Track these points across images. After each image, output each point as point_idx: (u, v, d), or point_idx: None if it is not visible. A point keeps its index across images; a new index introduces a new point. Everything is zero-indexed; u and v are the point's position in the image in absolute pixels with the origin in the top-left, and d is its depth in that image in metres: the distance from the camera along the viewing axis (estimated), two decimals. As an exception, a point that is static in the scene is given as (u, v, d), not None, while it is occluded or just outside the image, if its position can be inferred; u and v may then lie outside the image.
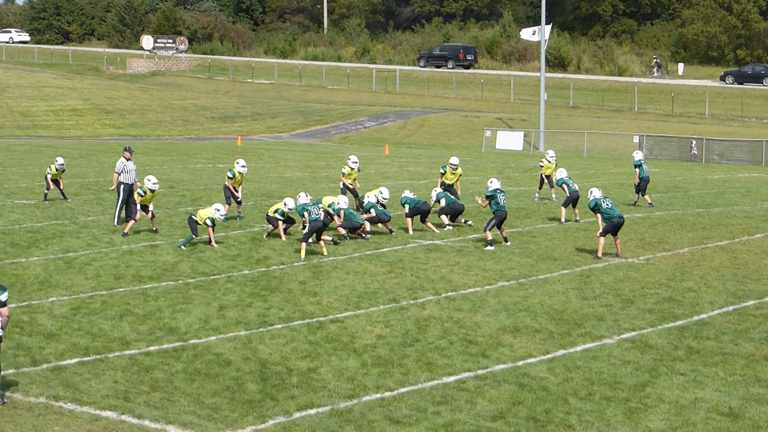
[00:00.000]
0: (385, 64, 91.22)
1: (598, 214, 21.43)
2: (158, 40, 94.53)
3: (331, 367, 13.68)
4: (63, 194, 28.40)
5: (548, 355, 14.37)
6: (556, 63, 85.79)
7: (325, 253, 21.05)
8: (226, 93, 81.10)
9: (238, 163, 25.60)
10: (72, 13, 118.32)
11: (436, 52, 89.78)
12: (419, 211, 24.19)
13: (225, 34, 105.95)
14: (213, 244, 21.69)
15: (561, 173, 26.85)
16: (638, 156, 30.38)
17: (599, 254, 21.35)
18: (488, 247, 22.10)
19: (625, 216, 22.36)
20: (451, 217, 25.06)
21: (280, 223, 22.79)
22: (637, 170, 29.73)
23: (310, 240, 20.99)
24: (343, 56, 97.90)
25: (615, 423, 11.79)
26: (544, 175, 30.76)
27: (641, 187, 29.82)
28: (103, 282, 18.33)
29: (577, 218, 26.47)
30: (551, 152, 31.85)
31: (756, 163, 52.10)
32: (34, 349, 14.07)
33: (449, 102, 75.41)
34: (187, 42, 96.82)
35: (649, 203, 29.81)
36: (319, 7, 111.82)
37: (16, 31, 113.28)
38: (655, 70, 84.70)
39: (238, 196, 25.43)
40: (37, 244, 21.63)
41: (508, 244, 22.68)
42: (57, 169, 28.00)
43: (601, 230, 21.37)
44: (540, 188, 31.32)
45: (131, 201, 23.50)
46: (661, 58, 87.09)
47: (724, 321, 16.45)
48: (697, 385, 13.15)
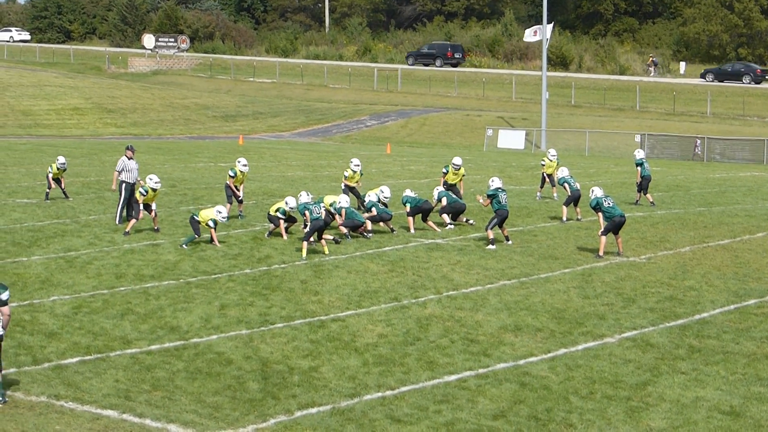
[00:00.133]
0: (386, 63, 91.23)
1: (600, 213, 21.43)
2: (160, 39, 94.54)
3: (332, 365, 13.68)
4: (64, 193, 28.42)
5: (549, 354, 14.37)
6: (557, 62, 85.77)
7: (327, 252, 21.06)
8: (228, 92, 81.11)
9: (239, 162, 25.61)
10: (73, 12, 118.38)
11: (424, 51, 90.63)
12: (420, 210, 24.18)
13: (226, 33, 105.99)
14: (216, 244, 21.69)
15: (562, 172, 26.85)
16: (639, 155, 30.40)
17: (601, 253, 21.35)
18: (490, 246, 22.10)
19: (626, 215, 22.37)
20: (453, 216, 25.07)
21: (282, 222, 22.79)
22: (639, 169, 29.77)
23: (312, 239, 20.99)
24: (345, 55, 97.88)
25: (616, 422, 11.79)
26: (545, 174, 30.76)
27: (643, 185, 29.83)
28: (105, 281, 18.34)
29: (579, 217, 26.46)
30: (553, 151, 31.85)
31: (757, 162, 52.06)
32: (36, 348, 14.08)
33: (451, 101, 75.39)
34: (188, 41, 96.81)
35: (651, 202, 29.81)
36: (320, 5, 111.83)
37: (17, 30, 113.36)
38: (652, 69, 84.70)
39: (240, 195, 25.43)
40: (38, 243, 21.64)
41: (510, 242, 22.68)
42: (58, 168, 28.03)
43: (603, 229, 21.37)
44: (541, 187, 31.31)
45: (133, 200, 23.51)
46: (657, 56, 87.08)
47: (726, 320, 16.45)
48: (699, 384, 13.15)
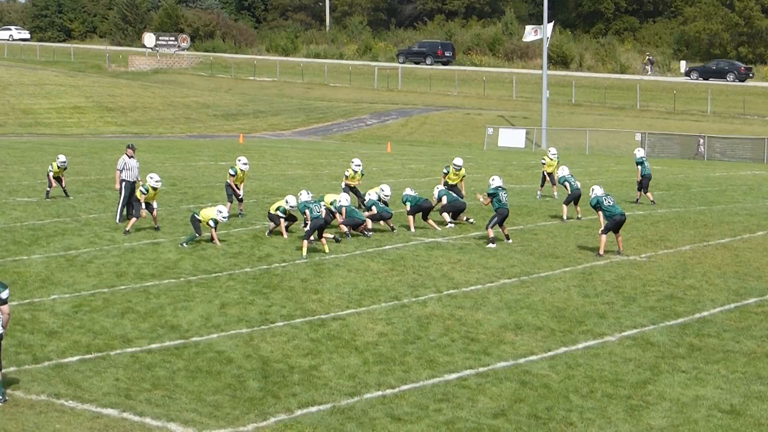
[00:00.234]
0: (387, 62, 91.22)
1: (600, 212, 21.42)
2: (160, 38, 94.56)
3: (332, 364, 13.68)
4: (65, 192, 28.44)
5: (550, 353, 14.37)
6: (558, 60, 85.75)
7: (327, 251, 21.05)
8: (228, 91, 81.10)
9: (239, 161, 25.62)
10: (74, 10, 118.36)
11: (414, 49, 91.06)
12: (420, 208, 24.18)
13: (227, 32, 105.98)
14: (217, 243, 21.67)
15: (563, 171, 26.82)
16: (640, 153, 30.40)
17: (601, 252, 21.34)
18: (490, 245, 22.09)
19: (626, 213, 22.37)
20: (453, 214, 25.08)
21: (282, 220, 22.79)
22: (639, 168, 29.77)
23: (312, 237, 20.99)
24: (345, 54, 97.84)
25: (616, 420, 11.78)
26: (546, 173, 30.75)
27: (643, 184, 29.84)
28: (105, 279, 18.34)
29: (579, 215, 26.46)
30: (553, 150, 31.86)
31: (758, 161, 52.06)
32: (36, 347, 14.07)
33: (451, 99, 75.39)
34: (189, 39, 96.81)
35: (651, 201, 29.81)
36: (321, 4, 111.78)
37: (16, 29, 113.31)
38: (649, 68, 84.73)
39: (240, 194, 25.45)
40: (38, 242, 21.64)
41: (510, 241, 22.68)
42: (59, 167, 28.05)
43: (603, 228, 21.36)
44: (542, 186, 31.31)
45: (133, 198, 23.52)
46: (653, 55, 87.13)
47: (726, 318, 16.44)
48: (699, 383, 13.14)
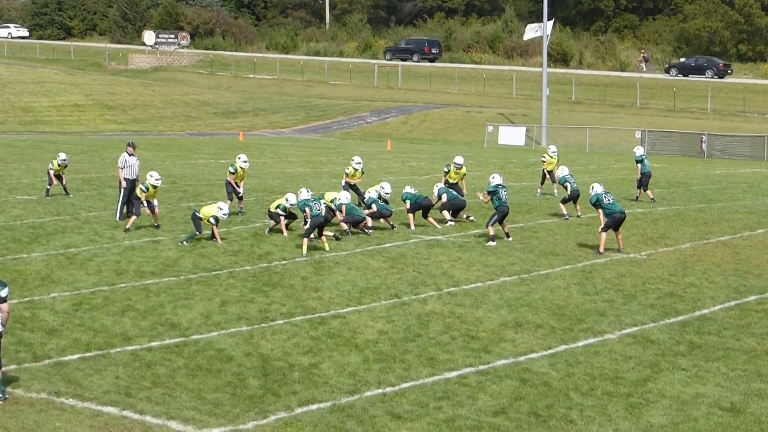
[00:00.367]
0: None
1: (600, 210, 21.42)
2: (160, 36, 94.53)
3: (332, 362, 13.68)
4: (65, 190, 28.44)
5: (550, 351, 14.37)
6: (558, 58, 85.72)
7: (327, 249, 21.05)
8: (228, 88, 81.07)
9: (239, 159, 25.62)
10: (74, 8, 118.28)
11: (401, 46, 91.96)
12: (420, 206, 24.18)
13: (227, 30, 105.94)
14: (218, 241, 21.68)
15: (563, 171, 26.70)
16: (639, 152, 30.38)
17: (601, 249, 21.34)
18: (490, 243, 22.09)
19: (626, 211, 22.36)
20: (453, 212, 25.07)
21: (282, 218, 22.78)
22: (639, 166, 29.76)
23: (312, 235, 20.99)
24: (345, 51, 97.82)
25: (616, 418, 11.78)
26: (546, 171, 30.73)
27: (643, 182, 29.82)
28: (105, 278, 18.34)
29: (579, 213, 26.45)
30: (553, 147, 31.84)
31: (758, 159, 52.03)
32: (36, 345, 14.08)
33: (451, 97, 75.38)
34: (189, 37, 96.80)
35: (651, 198, 29.81)
36: (321, 2, 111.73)
37: (15, 27, 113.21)
38: (644, 65, 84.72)
39: (240, 192, 25.45)
40: (38, 240, 21.64)
41: (510, 239, 22.68)
42: (59, 165, 28.05)
43: (603, 225, 21.36)
44: (542, 183, 31.30)
45: (133, 197, 23.51)
46: (648, 52, 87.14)
47: (726, 316, 16.44)
48: (699, 381, 13.15)
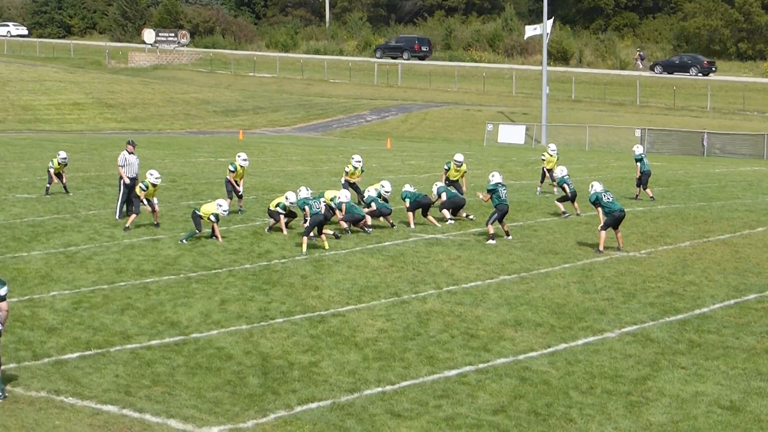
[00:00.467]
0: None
1: (599, 208, 21.43)
2: (160, 34, 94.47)
3: (332, 360, 13.68)
4: (65, 188, 28.44)
5: (549, 349, 14.37)
6: (558, 56, 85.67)
7: (327, 247, 21.05)
8: (228, 87, 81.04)
9: (239, 157, 25.61)
10: (73, 6, 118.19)
11: (391, 44, 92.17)
12: (420, 204, 24.18)
13: (227, 28, 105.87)
14: (219, 239, 21.67)
15: (561, 172, 26.56)
16: (638, 150, 30.36)
17: (601, 248, 21.34)
18: (490, 241, 22.09)
19: (626, 210, 22.36)
20: (453, 210, 25.07)
21: (282, 217, 22.78)
22: (638, 165, 29.74)
23: (312, 234, 20.99)
24: (345, 50, 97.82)
25: (616, 417, 11.79)
26: (545, 169, 30.73)
27: (643, 180, 29.80)
28: (105, 276, 18.34)
29: (578, 212, 26.43)
30: (553, 146, 31.84)
31: (757, 157, 52.03)
32: (36, 344, 14.08)
33: (451, 95, 75.37)
34: (188, 36, 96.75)
35: (651, 197, 29.80)
36: (321, 0, 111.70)
37: (14, 25, 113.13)
38: (640, 63, 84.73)
39: (240, 190, 25.45)
40: (38, 238, 21.64)
41: (510, 237, 22.68)
42: (59, 163, 28.06)
43: (602, 224, 21.36)
44: (541, 182, 31.29)
45: (133, 195, 23.51)
46: (644, 50, 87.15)
47: (726, 315, 16.45)
48: (699, 379, 13.15)
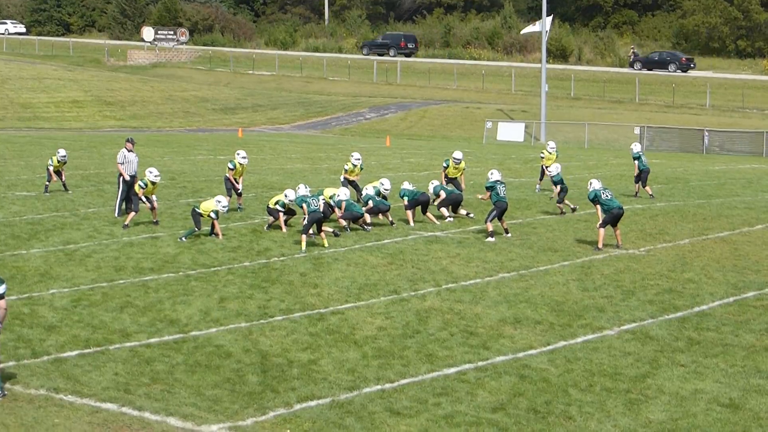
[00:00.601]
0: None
1: (598, 206, 21.42)
2: (159, 32, 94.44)
3: (331, 358, 13.68)
4: (64, 186, 28.44)
5: (549, 347, 14.37)
6: (557, 54, 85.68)
7: (326, 245, 21.05)
8: (227, 84, 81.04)
9: (238, 155, 25.61)
10: (73, 4, 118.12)
11: (378, 41, 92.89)
12: (418, 202, 24.17)
13: (226, 26, 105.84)
14: (219, 236, 21.66)
15: (556, 169, 26.39)
16: (636, 148, 30.35)
17: (600, 245, 21.34)
18: (489, 239, 22.09)
19: (625, 207, 22.36)
20: (452, 208, 25.06)
21: (281, 214, 22.78)
22: (636, 162, 29.73)
23: (311, 232, 20.99)
24: (344, 48, 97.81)
25: (615, 414, 11.79)
26: (544, 167, 30.70)
27: (642, 178, 29.79)
28: (104, 274, 18.34)
29: (573, 206, 26.37)
30: (552, 143, 31.84)
31: (757, 154, 52.06)
32: (35, 341, 14.08)
33: (450, 93, 75.37)
34: (187, 33, 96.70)
35: (650, 194, 29.79)
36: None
37: (12, 23, 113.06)
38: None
39: (239, 188, 25.44)
40: (37, 236, 21.63)
41: (509, 235, 22.68)
42: (59, 161, 28.07)
43: (601, 221, 21.36)
44: (541, 179, 31.30)
45: (132, 193, 23.50)
46: (637, 48, 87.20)
47: (725, 312, 16.45)
48: (698, 377, 13.15)
